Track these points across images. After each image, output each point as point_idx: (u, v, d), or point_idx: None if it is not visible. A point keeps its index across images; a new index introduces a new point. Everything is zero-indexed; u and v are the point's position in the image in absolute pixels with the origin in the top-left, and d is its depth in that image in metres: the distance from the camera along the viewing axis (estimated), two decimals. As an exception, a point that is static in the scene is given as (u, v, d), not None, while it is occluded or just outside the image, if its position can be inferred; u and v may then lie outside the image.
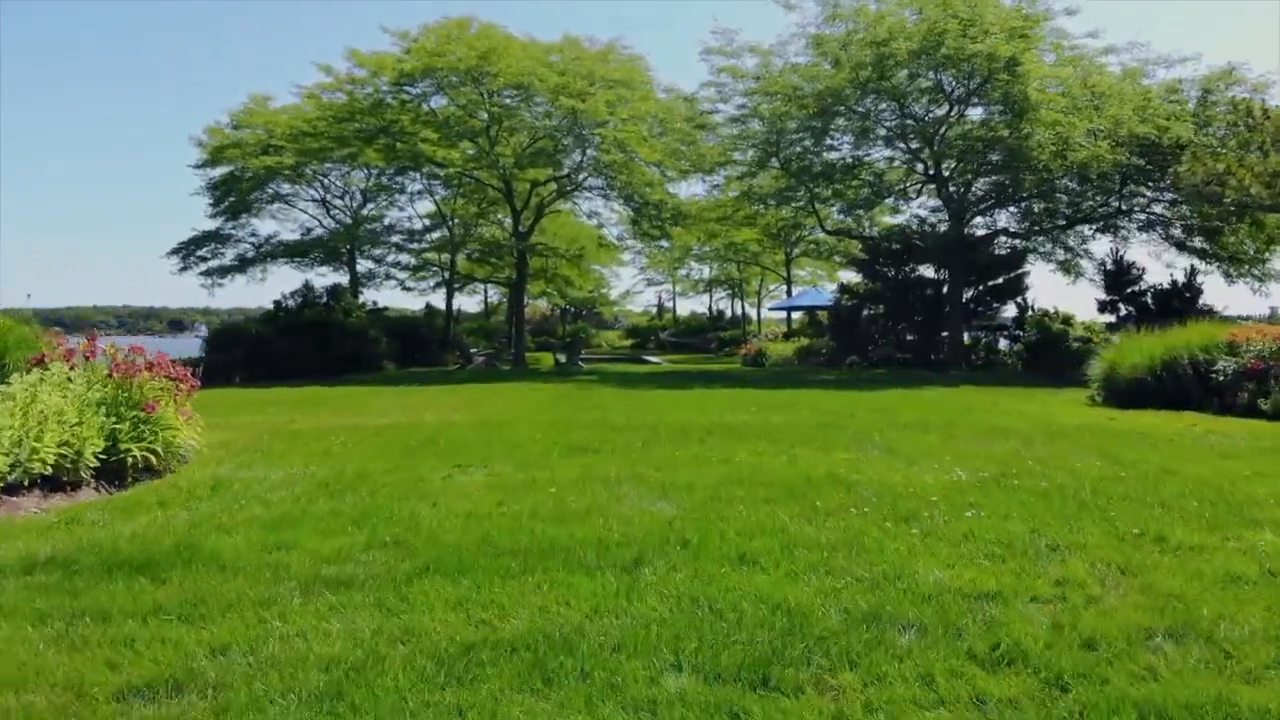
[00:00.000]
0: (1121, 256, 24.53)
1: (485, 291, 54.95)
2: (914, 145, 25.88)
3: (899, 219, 32.50)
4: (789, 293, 46.06)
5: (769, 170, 27.66)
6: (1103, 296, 24.90)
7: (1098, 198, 24.06)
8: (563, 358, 31.62)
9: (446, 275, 38.96)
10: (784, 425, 10.93)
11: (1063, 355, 29.37)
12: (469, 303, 65.80)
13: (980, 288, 31.18)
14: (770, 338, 43.32)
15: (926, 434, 9.93)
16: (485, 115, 27.42)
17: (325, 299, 33.90)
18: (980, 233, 28.88)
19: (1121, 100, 23.30)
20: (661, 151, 27.01)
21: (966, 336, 33.05)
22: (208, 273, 34.98)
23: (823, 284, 49.49)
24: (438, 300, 40.10)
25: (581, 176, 28.92)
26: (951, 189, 27.16)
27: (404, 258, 29.43)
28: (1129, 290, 24.20)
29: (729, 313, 61.66)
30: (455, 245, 31.36)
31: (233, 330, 29.06)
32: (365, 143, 27.77)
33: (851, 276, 34.66)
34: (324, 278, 36.58)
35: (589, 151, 27.11)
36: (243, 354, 28.21)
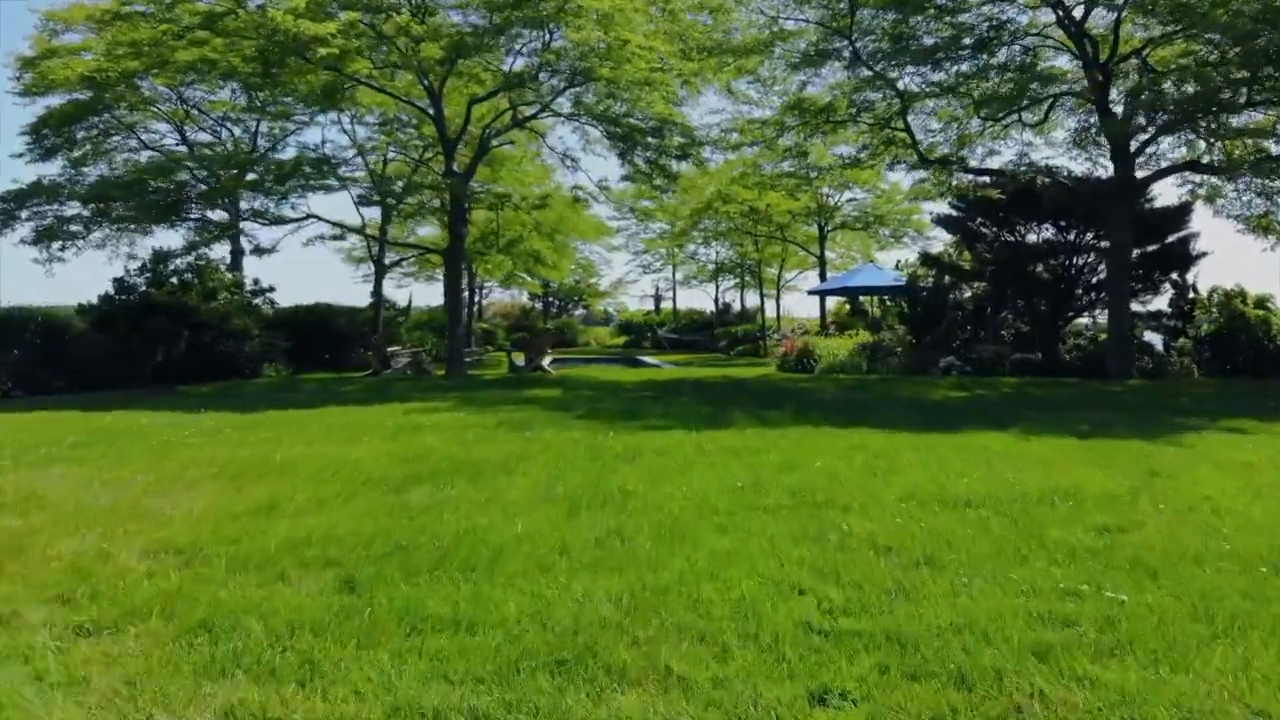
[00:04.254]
0: None
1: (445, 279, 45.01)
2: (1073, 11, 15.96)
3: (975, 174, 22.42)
4: (823, 275, 36.20)
5: (831, 67, 17.79)
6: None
7: None
8: (520, 360, 21.80)
9: (375, 250, 29.11)
10: None
11: (1262, 355, 19.78)
12: (430, 293, 55.74)
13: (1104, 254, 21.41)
14: (800, 332, 33.56)
15: None
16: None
17: (190, 275, 24.11)
18: (1145, 171, 18.99)
19: None
20: (663, 40, 17.14)
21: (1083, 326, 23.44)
22: (36, 241, 24.98)
23: (854, 265, 39.65)
24: (401, 293, 30.00)
25: (542, 86, 18.98)
26: (1114, 99, 17.35)
27: (268, 204, 19.38)
28: None
29: (737, 305, 51.74)
30: (384, 192, 21.31)
31: (11, 321, 19.03)
32: (208, 28, 17.80)
33: (907, 254, 25.10)
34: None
35: (553, 37, 17.20)
36: (20, 355, 18.41)
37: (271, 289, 24.09)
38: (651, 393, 14.74)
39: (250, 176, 19.72)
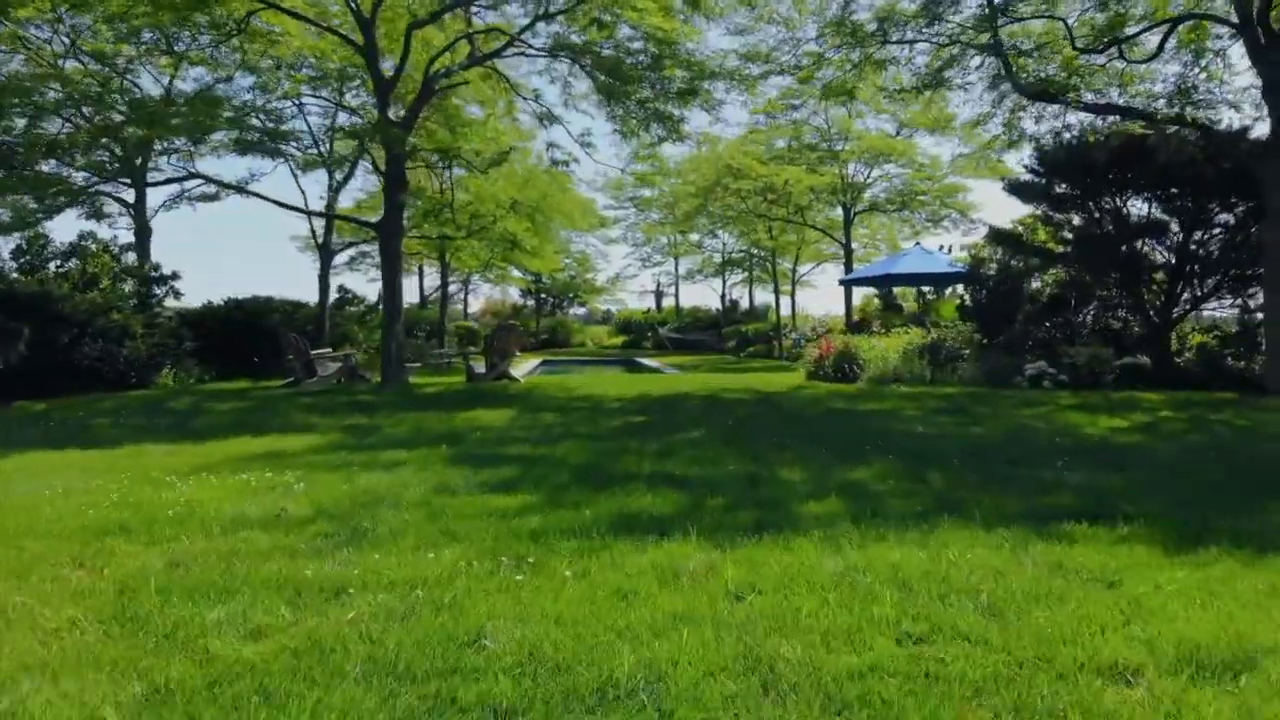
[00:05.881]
0: None
1: (420, 272, 40.26)
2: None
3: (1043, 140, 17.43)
4: (848, 264, 31.38)
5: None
6: None
7: None
8: (480, 367, 17.03)
9: (322, 234, 24.39)
10: None
11: None
12: (405, 289, 50.90)
13: (1226, 229, 16.56)
14: (822, 330, 28.83)
15: None
16: None
17: (72, 260, 19.47)
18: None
19: None
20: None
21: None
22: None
23: (878, 256, 34.86)
24: (372, 287, 25.25)
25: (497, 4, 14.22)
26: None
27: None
28: None
29: (745, 302, 46.89)
30: (274, 134, 16.43)
31: None
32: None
33: (947, 240, 20.32)
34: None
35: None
36: None
37: (175, 276, 19.32)
38: (644, 417, 10.01)
39: (120, 121, 14.83)
